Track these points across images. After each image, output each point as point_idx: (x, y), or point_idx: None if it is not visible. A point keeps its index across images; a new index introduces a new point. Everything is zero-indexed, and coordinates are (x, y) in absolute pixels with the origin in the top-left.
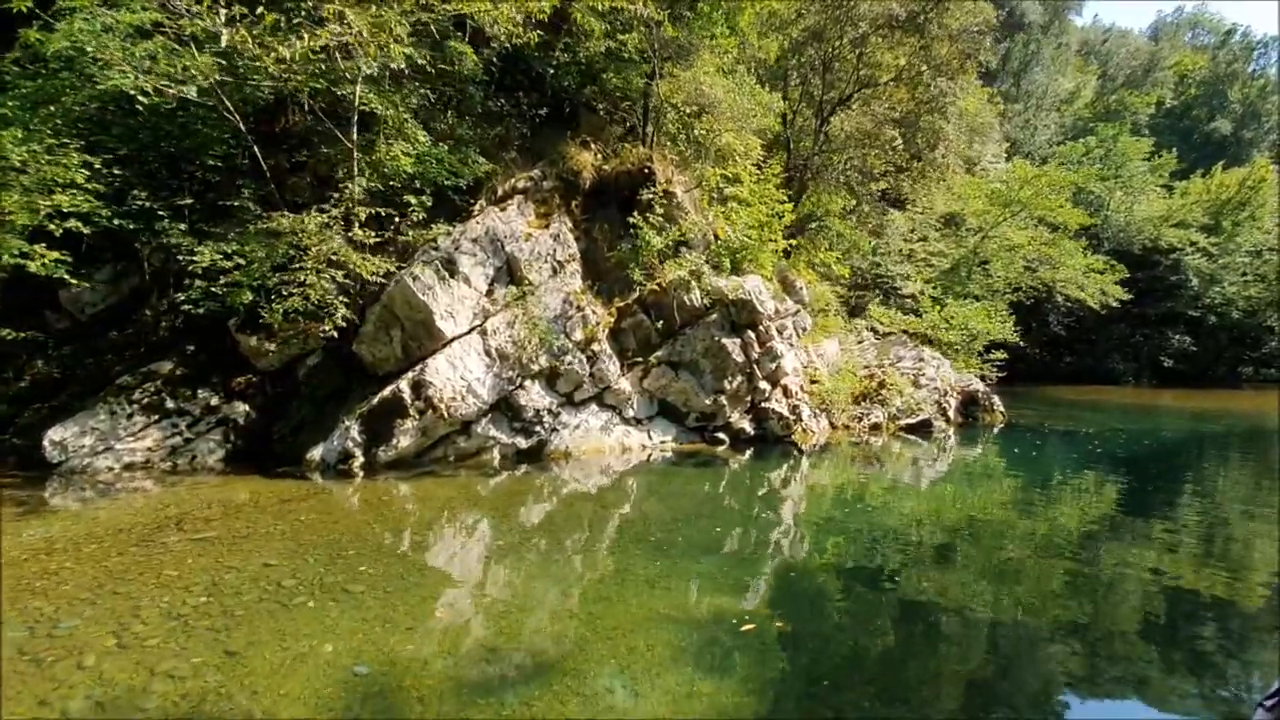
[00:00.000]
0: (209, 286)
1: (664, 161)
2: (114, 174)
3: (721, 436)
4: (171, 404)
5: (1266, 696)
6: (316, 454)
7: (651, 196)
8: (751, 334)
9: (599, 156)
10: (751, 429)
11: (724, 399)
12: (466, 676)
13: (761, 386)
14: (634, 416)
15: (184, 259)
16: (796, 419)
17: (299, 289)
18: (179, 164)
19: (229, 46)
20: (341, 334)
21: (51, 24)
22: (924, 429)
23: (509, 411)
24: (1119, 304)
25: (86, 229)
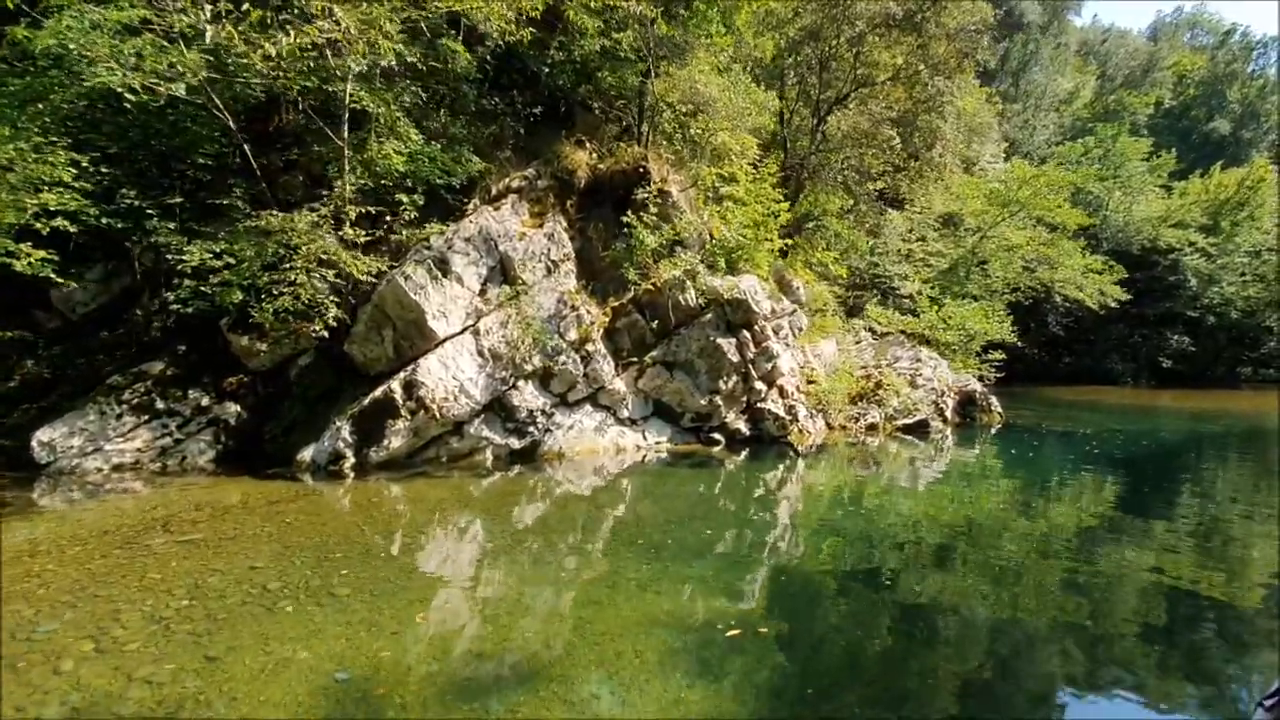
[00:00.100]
0: (198, 286)
1: (659, 160)
2: (102, 172)
3: (717, 437)
4: (162, 404)
5: (1266, 696)
6: (307, 455)
7: (646, 196)
8: (747, 334)
9: (594, 155)
10: (747, 429)
11: (719, 399)
12: (450, 682)
13: (757, 387)
14: (628, 417)
15: (173, 258)
16: (792, 419)
17: (289, 288)
18: (169, 162)
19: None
20: (333, 334)
21: (40, 21)
22: (921, 429)
23: (502, 412)
24: (1117, 304)
25: (74, 228)
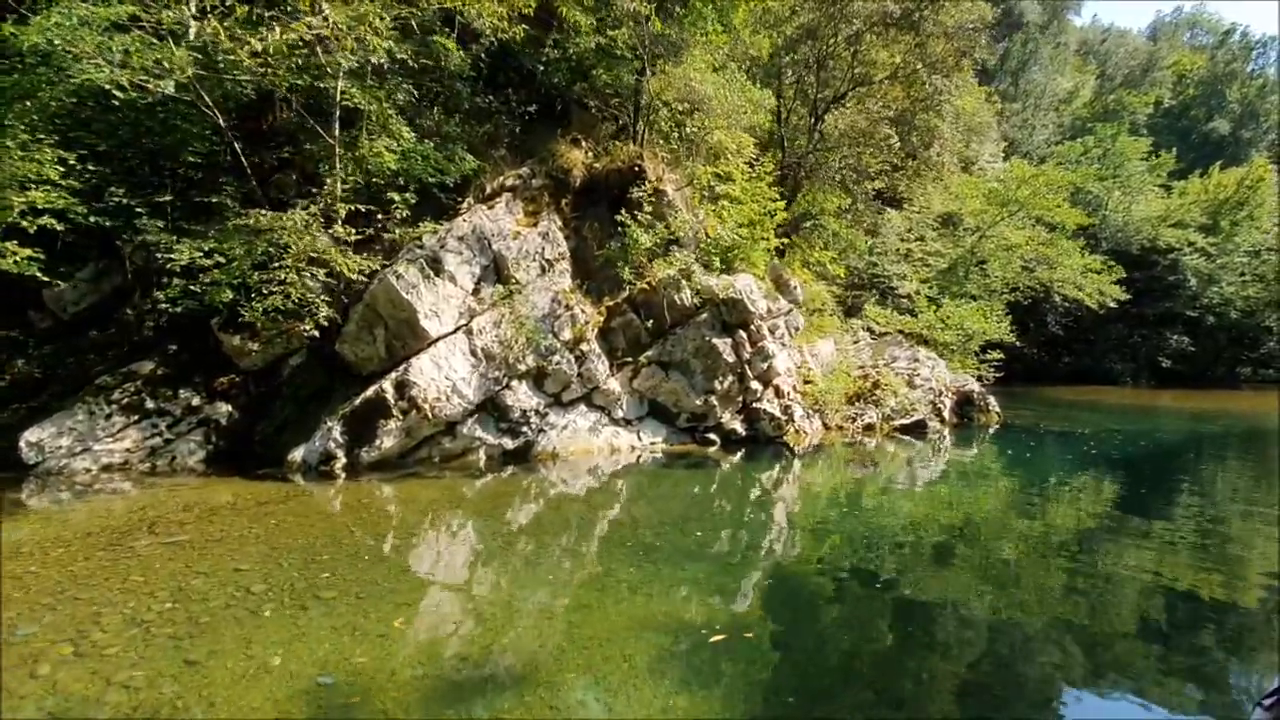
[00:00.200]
0: (188, 285)
1: (655, 159)
2: (90, 170)
3: (712, 437)
4: (152, 404)
5: (1265, 696)
6: (298, 455)
7: (641, 194)
8: (743, 333)
9: (590, 154)
10: (743, 430)
11: (715, 399)
12: (435, 687)
13: (753, 387)
14: (623, 417)
15: (163, 257)
16: (789, 420)
17: (279, 287)
18: (159, 160)
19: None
20: (326, 333)
21: (27, 17)
22: (918, 430)
23: (495, 412)
24: (1117, 304)
25: (61, 226)
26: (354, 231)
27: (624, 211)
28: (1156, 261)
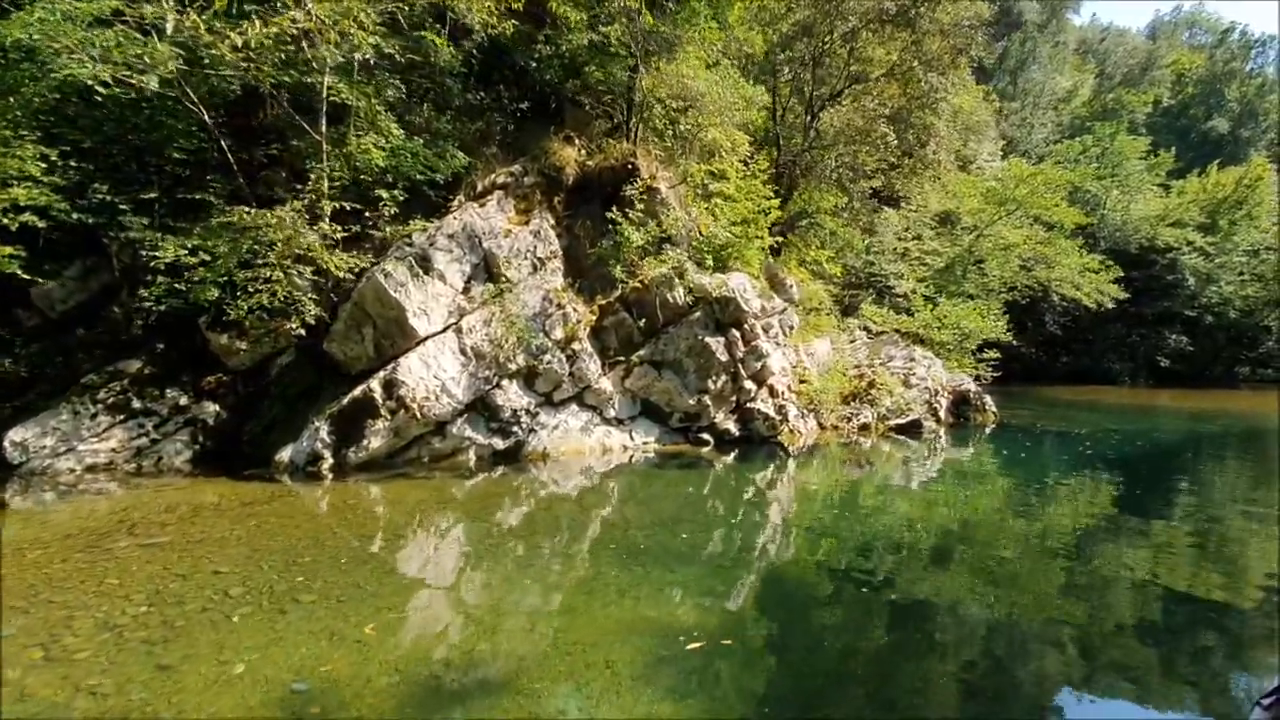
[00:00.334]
0: (173, 283)
1: (648, 157)
2: (75, 167)
3: (706, 437)
4: (138, 404)
5: (1264, 695)
6: (285, 455)
7: (633, 192)
8: (736, 332)
9: (583, 152)
10: (737, 430)
11: (708, 399)
12: (412, 694)
13: (747, 386)
14: (615, 417)
15: (147, 254)
16: (783, 419)
17: (265, 285)
18: (145, 157)
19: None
20: (315, 332)
21: (8, 12)
22: (914, 429)
23: (485, 411)
24: (1115, 303)
25: (43, 223)
26: (340, 229)
27: (615, 209)
28: (1155, 261)
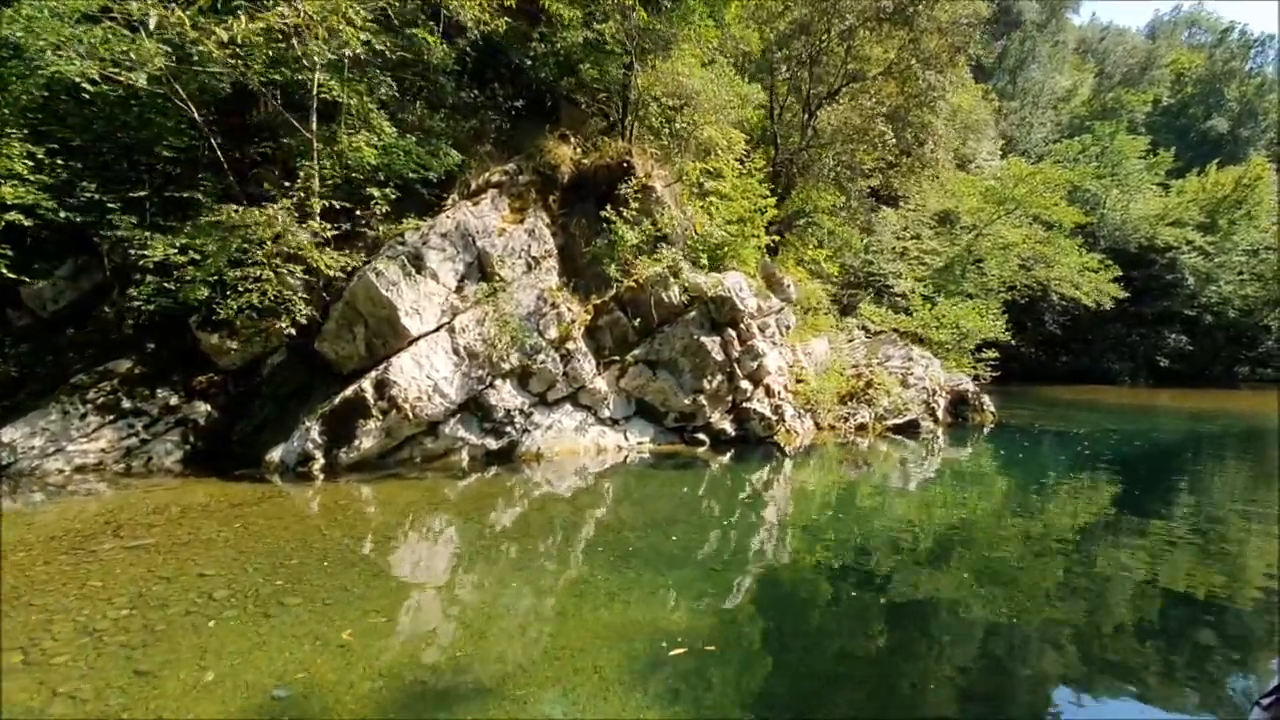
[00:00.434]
0: (162, 282)
1: (643, 155)
2: (63, 165)
3: (701, 437)
4: (128, 404)
5: (1263, 695)
6: (276, 455)
7: (627, 191)
8: (732, 332)
9: (578, 150)
10: (732, 430)
11: (704, 399)
12: (394, 700)
13: (743, 386)
14: (610, 417)
15: (135, 253)
16: (779, 419)
17: (254, 284)
18: (134, 155)
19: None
20: (307, 332)
21: None
22: (911, 429)
23: (478, 411)
24: (1115, 303)
25: (30, 222)
26: (330, 227)
27: (610, 208)
28: (1154, 260)
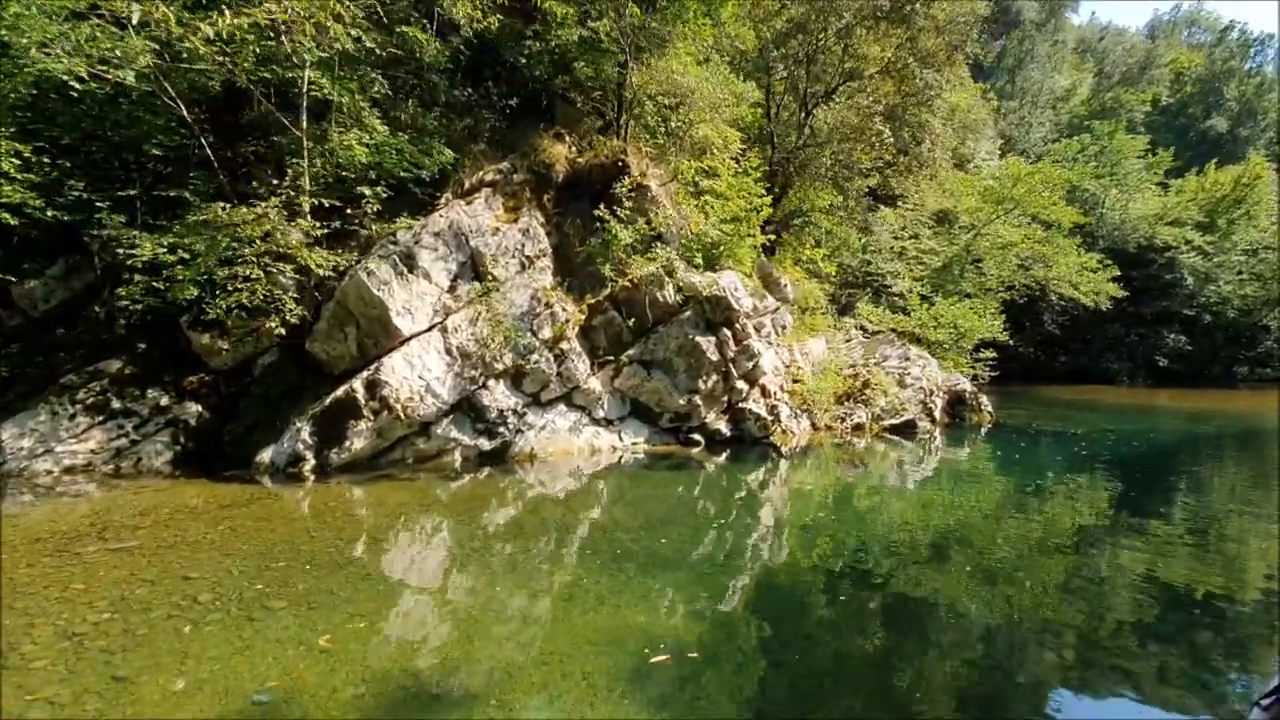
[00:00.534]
0: (151, 282)
1: (639, 154)
2: (51, 163)
3: (696, 438)
4: (118, 404)
5: (1263, 695)
6: (266, 456)
7: (622, 190)
8: (727, 332)
9: (573, 149)
10: (728, 430)
11: (699, 399)
12: (378, 706)
13: (738, 386)
14: (604, 417)
15: (124, 253)
16: (775, 420)
17: (244, 284)
18: (123, 154)
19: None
20: (298, 332)
21: None
22: (908, 430)
23: (471, 412)
24: (1114, 303)
25: (16, 221)
26: (320, 226)
27: (604, 207)
28: (1153, 260)
